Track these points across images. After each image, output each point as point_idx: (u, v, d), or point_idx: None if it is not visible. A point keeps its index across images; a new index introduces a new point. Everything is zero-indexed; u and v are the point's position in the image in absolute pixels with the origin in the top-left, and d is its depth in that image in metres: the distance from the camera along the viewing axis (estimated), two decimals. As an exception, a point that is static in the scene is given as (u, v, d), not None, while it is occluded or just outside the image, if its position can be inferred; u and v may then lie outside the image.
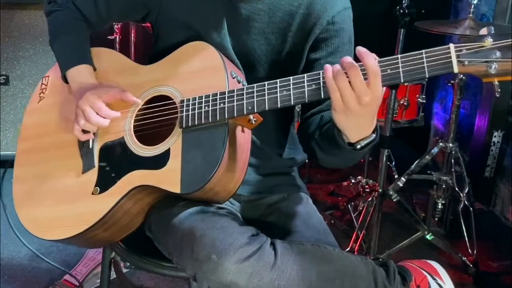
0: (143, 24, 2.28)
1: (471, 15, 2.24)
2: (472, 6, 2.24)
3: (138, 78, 1.35)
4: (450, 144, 2.39)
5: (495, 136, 2.80)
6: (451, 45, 1.01)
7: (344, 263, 1.17)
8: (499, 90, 1.03)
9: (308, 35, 1.32)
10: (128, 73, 1.38)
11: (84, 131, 1.30)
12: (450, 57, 1.00)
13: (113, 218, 1.25)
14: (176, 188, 1.18)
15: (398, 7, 2.24)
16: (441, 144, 2.41)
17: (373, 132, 1.13)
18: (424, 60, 1.02)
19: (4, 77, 2.78)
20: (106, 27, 1.51)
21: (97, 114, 1.26)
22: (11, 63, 2.78)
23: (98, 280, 2.03)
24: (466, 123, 3.03)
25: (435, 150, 2.42)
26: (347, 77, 1.03)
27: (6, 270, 2.16)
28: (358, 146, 1.14)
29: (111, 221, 1.26)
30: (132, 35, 2.75)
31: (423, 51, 1.02)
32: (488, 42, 0.99)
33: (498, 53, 0.98)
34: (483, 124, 2.85)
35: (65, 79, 1.38)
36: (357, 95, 1.03)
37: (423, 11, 2.33)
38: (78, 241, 1.31)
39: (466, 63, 1.00)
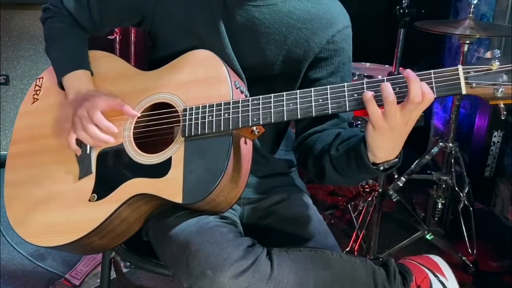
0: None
1: (471, 15, 2.24)
2: (472, 6, 2.23)
3: (138, 84, 1.32)
4: (450, 144, 2.39)
5: (495, 136, 2.80)
6: (460, 67, 1.01)
7: (343, 267, 1.16)
8: (505, 113, 1.03)
9: (305, 52, 1.29)
10: (128, 78, 1.34)
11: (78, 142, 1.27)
12: (459, 78, 1.01)
13: (110, 225, 1.23)
14: (177, 198, 1.16)
15: (398, 7, 2.24)
16: (441, 144, 2.41)
17: (396, 157, 1.11)
18: (433, 80, 1.02)
19: (4, 77, 2.78)
20: (103, 32, 1.46)
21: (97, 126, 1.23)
22: (11, 63, 2.79)
23: (98, 280, 2.03)
24: (466, 123, 3.02)
25: (435, 150, 2.42)
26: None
27: (6, 270, 2.16)
28: (382, 168, 1.12)
29: (108, 228, 1.24)
30: (132, 35, 2.75)
31: (432, 71, 1.02)
32: (496, 65, 0.99)
33: (504, 77, 0.99)
34: (483, 124, 2.84)
35: (61, 86, 1.35)
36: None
37: (423, 11, 2.34)
38: (72, 248, 1.28)
39: (474, 85, 1.00)
